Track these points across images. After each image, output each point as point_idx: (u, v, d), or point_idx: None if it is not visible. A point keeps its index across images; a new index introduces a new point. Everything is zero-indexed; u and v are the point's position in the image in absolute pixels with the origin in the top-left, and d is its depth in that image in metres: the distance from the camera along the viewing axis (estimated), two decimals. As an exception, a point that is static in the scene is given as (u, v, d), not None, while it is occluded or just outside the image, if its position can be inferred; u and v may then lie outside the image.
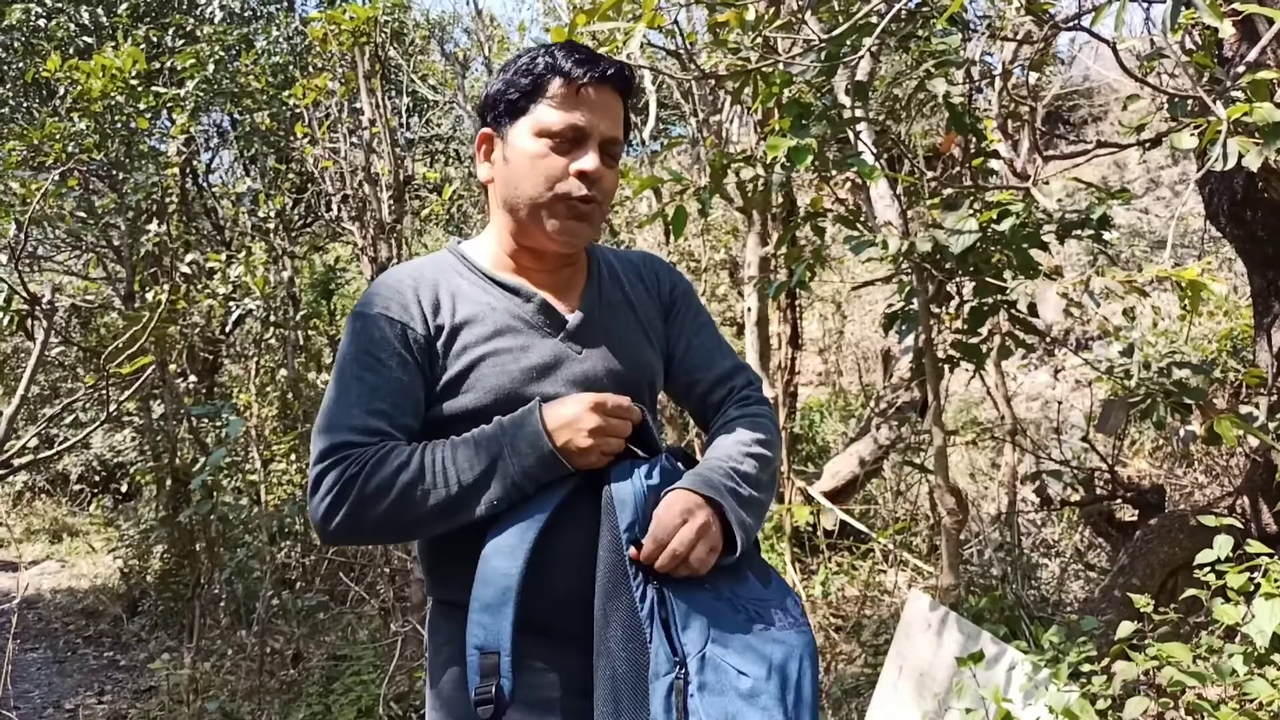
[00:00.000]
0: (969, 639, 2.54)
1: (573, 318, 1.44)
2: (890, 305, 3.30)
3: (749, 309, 5.20)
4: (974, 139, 3.18)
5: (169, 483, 5.82)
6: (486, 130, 1.46)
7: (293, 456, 5.72)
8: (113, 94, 5.65)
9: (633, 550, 1.26)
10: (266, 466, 5.39)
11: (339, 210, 5.58)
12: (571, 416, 1.29)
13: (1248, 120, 2.16)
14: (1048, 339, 3.40)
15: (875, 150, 3.30)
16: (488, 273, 1.45)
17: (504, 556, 1.26)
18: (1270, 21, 2.40)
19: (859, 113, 3.17)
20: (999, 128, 3.50)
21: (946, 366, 3.27)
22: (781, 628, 1.28)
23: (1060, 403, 5.91)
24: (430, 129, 8.40)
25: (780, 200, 5.35)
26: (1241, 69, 2.50)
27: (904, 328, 3.25)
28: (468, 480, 1.28)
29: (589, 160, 1.38)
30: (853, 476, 5.28)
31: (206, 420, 6.02)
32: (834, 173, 3.50)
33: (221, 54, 6.33)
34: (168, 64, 6.44)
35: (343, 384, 1.35)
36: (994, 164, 3.50)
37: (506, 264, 1.46)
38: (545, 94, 1.38)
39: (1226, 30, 2.08)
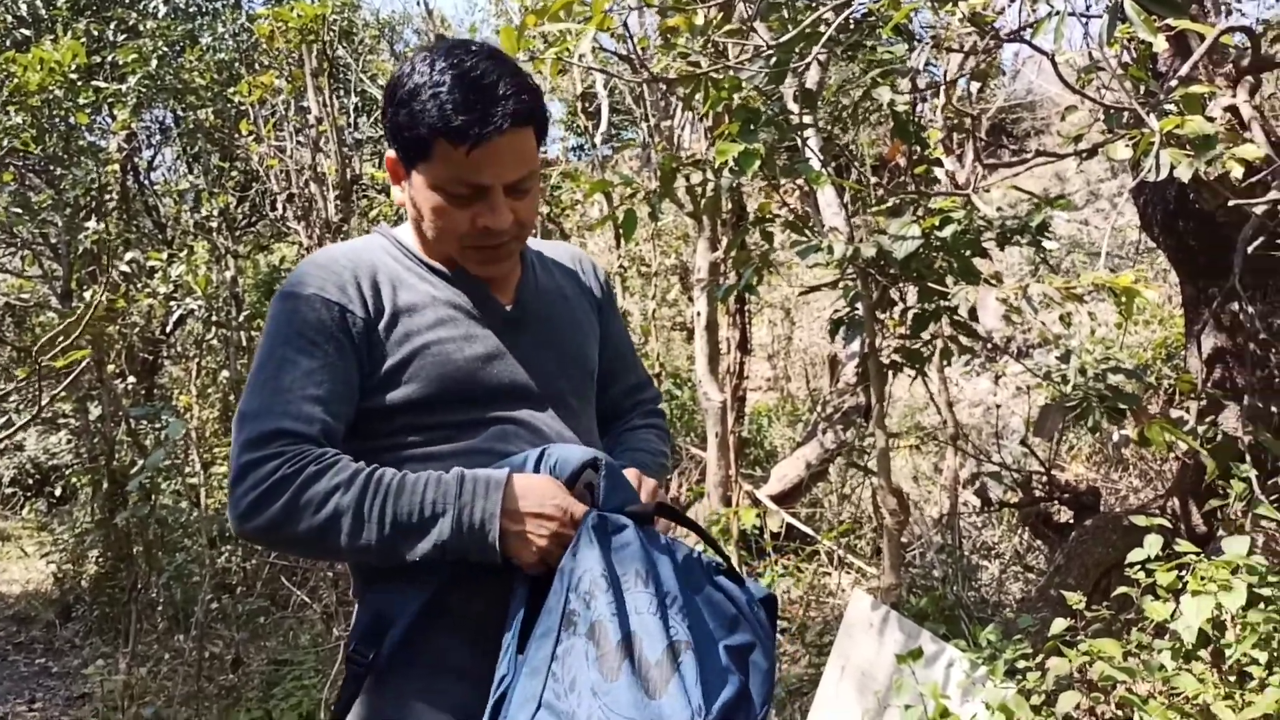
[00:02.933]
0: (909, 638, 2.58)
1: (512, 307, 1.42)
2: (836, 311, 3.34)
3: (698, 313, 5.23)
4: (918, 147, 3.23)
5: (105, 485, 5.69)
6: (391, 154, 1.36)
7: (234, 459, 5.62)
8: (51, 88, 5.51)
9: None
10: (207, 470, 5.29)
11: (284, 209, 5.51)
12: (540, 512, 1.21)
13: (1180, 133, 2.23)
14: (989, 345, 3.47)
15: (823, 157, 3.35)
16: (423, 259, 1.40)
17: None
18: (1202, 37, 2.47)
19: (807, 119, 3.21)
20: (942, 141, 3.57)
21: (890, 371, 3.33)
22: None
23: (999, 406, 6.04)
24: (379, 129, 8.33)
25: (730, 206, 5.39)
26: (1175, 83, 2.57)
27: (849, 333, 3.29)
28: (402, 528, 1.20)
29: (492, 217, 1.30)
30: (799, 480, 5.32)
31: (145, 422, 5.89)
32: (782, 179, 3.54)
33: (165, 50, 6.22)
34: (109, 59, 6.30)
35: (273, 366, 1.27)
36: (938, 173, 3.57)
37: (441, 253, 1.41)
38: (437, 154, 1.27)
39: (1160, 45, 2.14)
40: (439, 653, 1.27)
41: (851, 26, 3.29)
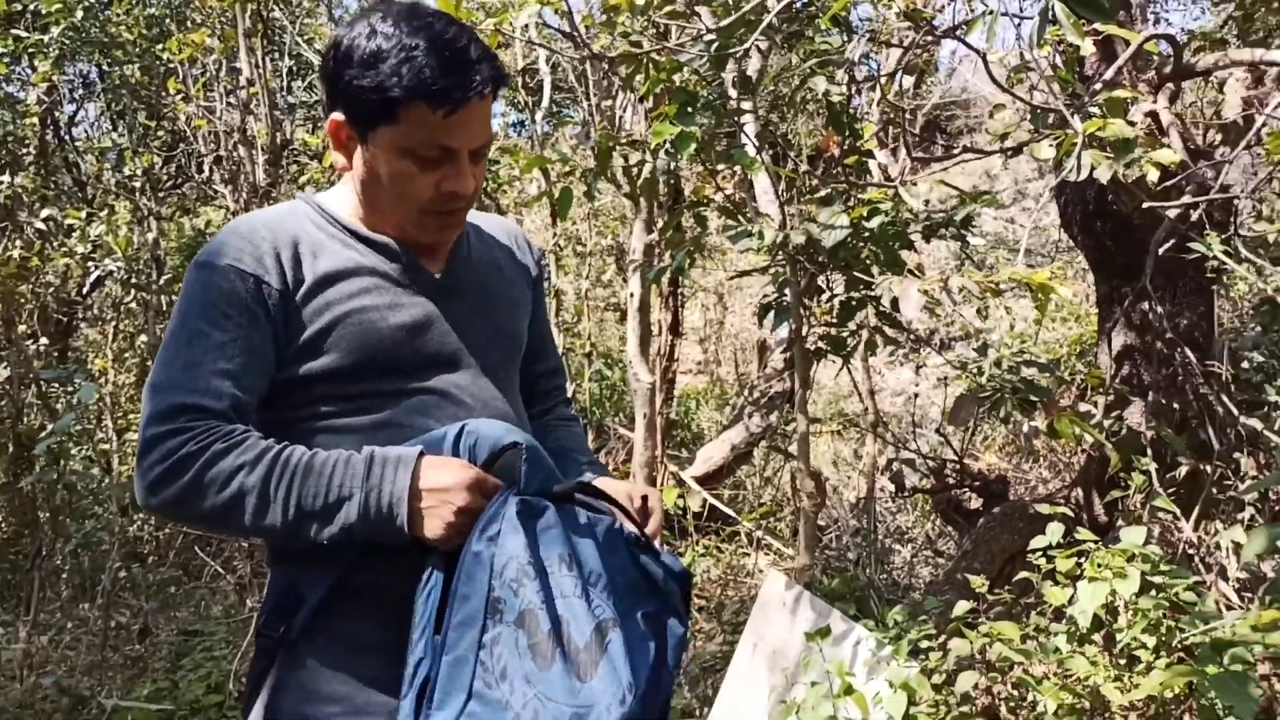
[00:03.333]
0: (820, 617, 2.63)
1: (442, 275, 1.38)
2: (766, 297, 3.38)
3: (632, 295, 5.23)
4: (852, 139, 3.28)
5: (10, 448, 5.49)
6: (338, 117, 1.29)
7: (151, 425, 5.48)
8: (-34, 34, 5.30)
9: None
10: (120, 435, 5.15)
11: (211, 172, 5.38)
12: (447, 486, 1.20)
13: (1102, 135, 2.30)
14: (912, 336, 3.55)
15: (759, 145, 3.37)
16: (349, 226, 1.35)
17: None
18: (1127, 43, 2.55)
19: (745, 105, 3.24)
20: (876, 134, 3.63)
21: (815, 357, 3.38)
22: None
23: (917, 395, 6.18)
24: (314, 94, 8.14)
25: (666, 188, 5.40)
26: (1099, 86, 2.65)
27: (777, 318, 3.33)
28: (307, 511, 1.19)
29: (459, 182, 1.28)
30: (724, 462, 5.38)
31: (57, 385, 5.70)
32: (719, 164, 3.56)
33: (92, 1, 5.99)
34: (31, 6, 6.05)
35: (185, 338, 1.24)
36: (870, 165, 3.63)
37: (369, 219, 1.37)
38: (409, 116, 1.23)
39: (1087, 48, 2.20)
40: (350, 630, 1.27)
41: (793, 15, 3.32)
